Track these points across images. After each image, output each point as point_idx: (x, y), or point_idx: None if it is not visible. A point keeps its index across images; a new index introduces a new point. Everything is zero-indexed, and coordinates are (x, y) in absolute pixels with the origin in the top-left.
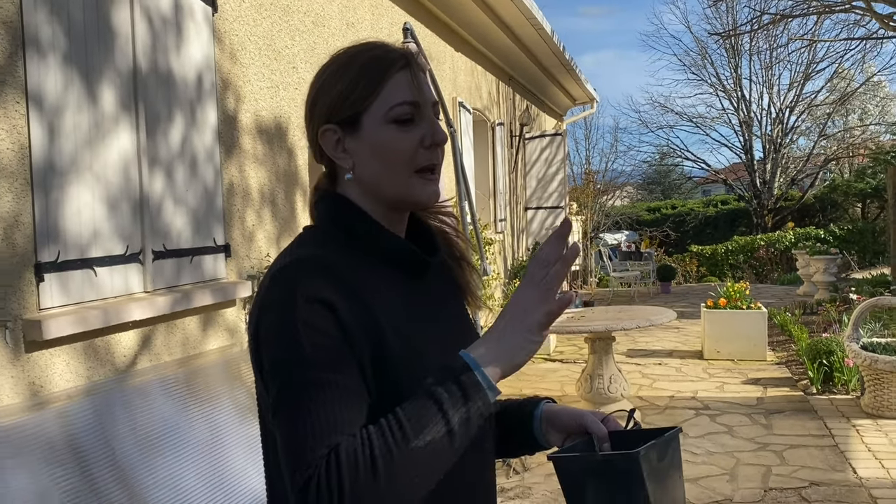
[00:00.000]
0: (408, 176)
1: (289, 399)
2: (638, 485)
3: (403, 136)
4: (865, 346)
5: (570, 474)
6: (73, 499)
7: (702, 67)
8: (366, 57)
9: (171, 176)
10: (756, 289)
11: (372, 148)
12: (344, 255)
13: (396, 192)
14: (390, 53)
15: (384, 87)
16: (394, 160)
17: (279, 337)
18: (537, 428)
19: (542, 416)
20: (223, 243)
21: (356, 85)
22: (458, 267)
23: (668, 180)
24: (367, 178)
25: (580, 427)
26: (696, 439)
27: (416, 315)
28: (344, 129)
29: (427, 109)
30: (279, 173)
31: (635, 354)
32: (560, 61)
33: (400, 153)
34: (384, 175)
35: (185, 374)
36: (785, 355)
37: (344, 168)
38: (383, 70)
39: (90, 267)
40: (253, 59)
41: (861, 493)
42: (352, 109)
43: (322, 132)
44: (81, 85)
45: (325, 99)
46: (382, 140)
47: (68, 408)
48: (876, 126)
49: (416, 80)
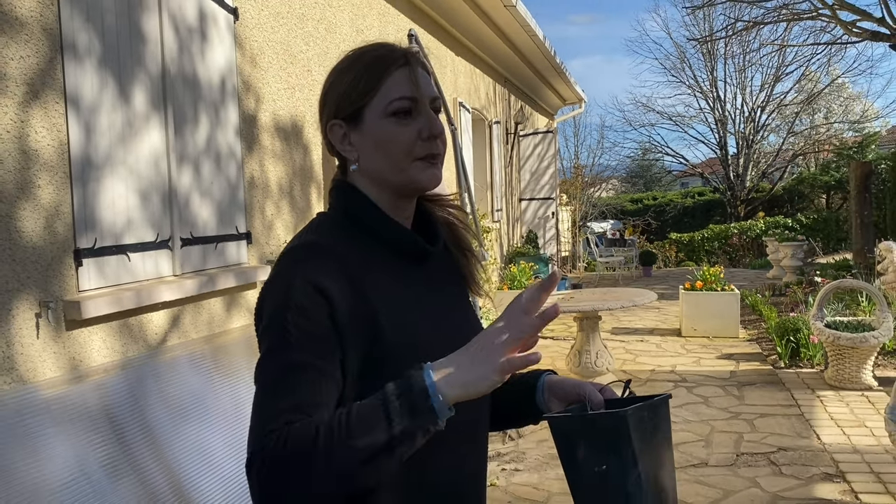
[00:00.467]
0: (409, 163)
1: (267, 373)
2: (625, 442)
3: (402, 129)
4: (829, 324)
5: (562, 433)
6: (109, 462)
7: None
8: (369, 56)
9: (198, 170)
10: (730, 272)
11: (374, 140)
12: (350, 242)
13: (399, 180)
14: (393, 52)
15: (384, 83)
16: (394, 151)
17: (273, 313)
18: (540, 398)
19: (545, 387)
20: (245, 231)
21: (358, 82)
22: (463, 257)
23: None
24: (371, 168)
25: (580, 396)
26: (674, 409)
27: (414, 301)
28: (349, 123)
29: (424, 104)
30: (295, 168)
31: (619, 332)
32: (551, 65)
33: (399, 145)
34: (385, 165)
35: (210, 351)
36: (755, 333)
37: (350, 160)
38: (384, 68)
39: (124, 253)
40: (271, 62)
41: (824, 457)
42: (354, 105)
43: (330, 127)
44: (115, 86)
45: (333, 96)
46: (383, 133)
47: (105, 381)
48: (840, 124)
49: (415, 77)
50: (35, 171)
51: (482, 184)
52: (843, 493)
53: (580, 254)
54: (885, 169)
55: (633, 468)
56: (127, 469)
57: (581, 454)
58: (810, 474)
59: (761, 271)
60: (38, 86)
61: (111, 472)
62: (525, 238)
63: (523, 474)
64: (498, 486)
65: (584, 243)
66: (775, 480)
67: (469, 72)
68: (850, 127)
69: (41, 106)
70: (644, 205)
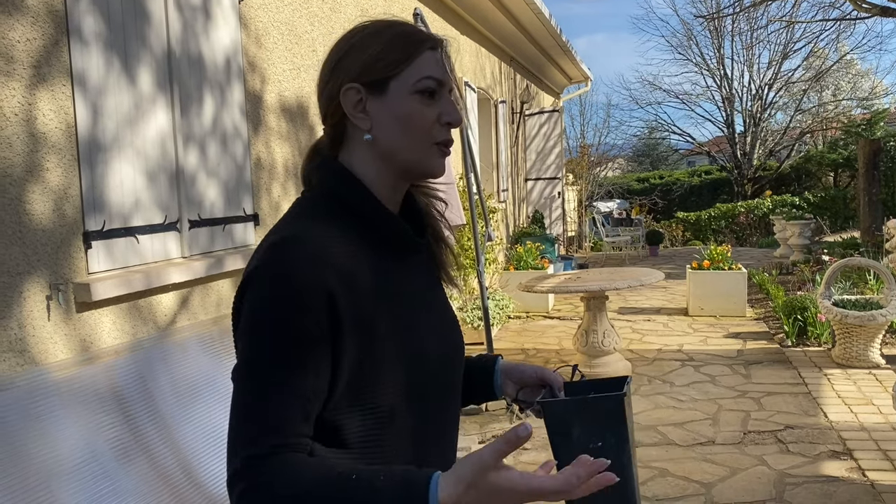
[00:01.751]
0: (427, 145)
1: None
2: (622, 422)
3: (425, 109)
4: (836, 302)
5: (557, 416)
6: (119, 444)
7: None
8: (402, 28)
9: (204, 151)
10: (737, 251)
11: (395, 114)
12: (336, 231)
13: (412, 159)
14: (423, 32)
15: (416, 58)
16: (415, 129)
17: (256, 314)
18: (497, 381)
19: (500, 371)
20: (252, 213)
21: (391, 50)
22: (438, 247)
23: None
24: (384, 142)
25: (539, 380)
26: (681, 388)
27: (402, 294)
28: (369, 90)
29: (447, 91)
30: (301, 149)
31: (626, 312)
32: (557, 43)
33: (422, 123)
34: (403, 141)
35: (219, 332)
36: (763, 311)
37: (360, 129)
38: (417, 43)
39: (133, 235)
40: (276, 43)
41: (831, 434)
42: (382, 73)
43: (345, 90)
44: (121, 68)
45: (358, 56)
46: (406, 108)
47: (115, 362)
48: (848, 101)
49: (444, 62)
50: (43, 153)
51: (488, 164)
52: (851, 470)
53: (586, 233)
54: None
55: (627, 443)
56: (137, 450)
57: (576, 434)
58: (817, 452)
59: (768, 250)
60: (45, 68)
61: (121, 454)
62: (531, 218)
63: (531, 453)
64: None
65: (591, 223)
66: (782, 458)
67: (475, 51)
68: (858, 104)
69: (48, 88)
70: (650, 184)
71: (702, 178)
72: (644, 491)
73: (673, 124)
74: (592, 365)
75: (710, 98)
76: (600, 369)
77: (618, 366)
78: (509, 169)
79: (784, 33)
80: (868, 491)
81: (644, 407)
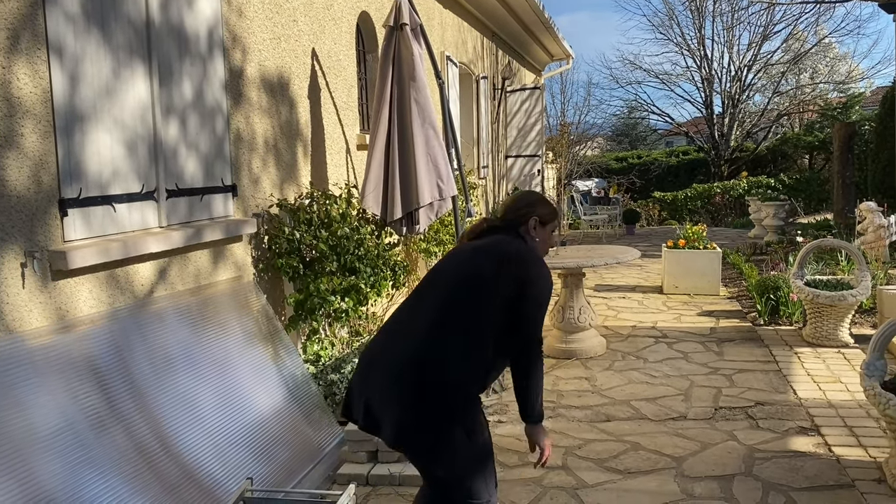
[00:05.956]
0: (544, 252)
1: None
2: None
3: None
4: (808, 282)
5: None
6: (94, 414)
7: (669, 28)
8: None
9: (183, 121)
10: (712, 231)
11: (543, 235)
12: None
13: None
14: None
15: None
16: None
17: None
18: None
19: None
20: (230, 184)
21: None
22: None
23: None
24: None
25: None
26: (655, 364)
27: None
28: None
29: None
30: (282, 122)
31: (602, 289)
32: (539, 19)
33: (547, 245)
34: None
35: (197, 303)
36: (736, 290)
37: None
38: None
39: (110, 203)
40: (257, 12)
41: (800, 411)
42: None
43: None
44: (99, 36)
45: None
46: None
47: (91, 331)
48: (825, 84)
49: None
50: (18, 119)
51: (469, 140)
52: (818, 445)
53: (565, 211)
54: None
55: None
56: (112, 420)
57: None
58: (786, 428)
59: (743, 230)
60: (19, 32)
61: (96, 423)
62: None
63: (507, 426)
64: None
65: (569, 201)
66: (752, 434)
67: (457, 25)
68: (835, 87)
69: (23, 53)
70: (629, 163)
71: (679, 159)
72: (616, 464)
73: (652, 104)
74: (568, 341)
75: (690, 79)
76: (576, 345)
77: (593, 342)
78: (490, 145)
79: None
80: (834, 466)
81: (618, 382)
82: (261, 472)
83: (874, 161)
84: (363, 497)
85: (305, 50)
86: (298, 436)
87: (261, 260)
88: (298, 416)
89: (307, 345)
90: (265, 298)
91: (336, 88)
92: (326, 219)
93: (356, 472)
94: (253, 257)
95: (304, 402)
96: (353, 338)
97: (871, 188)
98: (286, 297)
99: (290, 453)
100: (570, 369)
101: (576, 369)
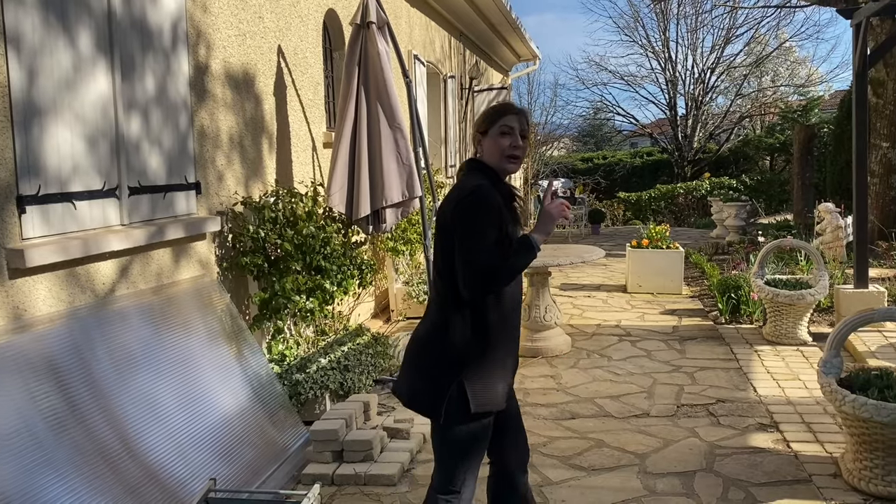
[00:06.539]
0: (500, 159)
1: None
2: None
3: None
4: (769, 282)
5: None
6: (53, 414)
7: (634, 30)
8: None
9: (146, 117)
10: (675, 231)
11: (488, 144)
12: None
13: (496, 166)
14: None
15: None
16: (496, 151)
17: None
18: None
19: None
20: (194, 181)
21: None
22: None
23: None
24: (486, 157)
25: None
26: (618, 362)
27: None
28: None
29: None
30: (247, 118)
31: (568, 288)
32: (507, 20)
33: (498, 148)
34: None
35: (160, 301)
36: (698, 290)
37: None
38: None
39: (70, 200)
40: (222, 8)
41: (760, 408)
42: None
43: (474, 134)
44: (59, 29)
45: (477, 128)
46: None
47: (50, 330)
48: (786, 87)
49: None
50: None
51: (436, 139)
52: (777, 441)
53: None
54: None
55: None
56: (72, 421)
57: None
58: (746, 425)
59: (705, 230)
60: None
61: (55, 424)
62: None
63: None
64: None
65: (536, 201)
66: (713, 430)
67: (424, 24)
68: (795, 91)
69: None
70: (594, 164)
71: (644, 160)
72: (580, 461)
73: (617, 105)
74: (534, 339)
75: (655, 80)
76: (541, 343)
77: (558, 340)
78: (457, 145)
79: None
80: (792, 461)
81: (582, 380)
82: (225, 473)
83: (832, 163)
84: (328, 497)
85: (271, 47)
86: (263, 436)
87: (225, 258)
88: (263, 416)
89: (272, 344)
90: (229, 297)
91: (302, 86)
92: (292, 217)
93: (321, 471)
94: (217, 256)
95: (269, 401)
96: (319, 337)
97: (830, 189)
98: (251, 295)
99: (255, 453)
100: (536, 367)
101: (541, 367)
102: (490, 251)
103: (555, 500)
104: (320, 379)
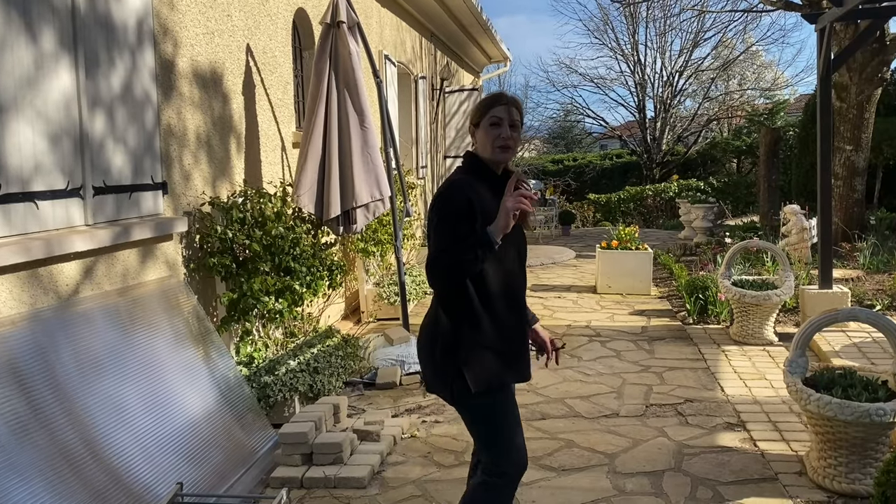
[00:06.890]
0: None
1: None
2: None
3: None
4: (735, 282)
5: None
6: (15, 419)
7: (604, 33)
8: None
9: (111, 115)
10: (644, 233)
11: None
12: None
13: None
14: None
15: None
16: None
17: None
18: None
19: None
20: (160, 181)
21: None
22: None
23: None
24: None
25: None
26: (588, 362)
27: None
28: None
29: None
30: (215, 117)
31: (538, 289)
32: (477, 21)
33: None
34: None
35: (125, 303)
36: (667, 290)
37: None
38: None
39: (32, 200)
40: (189, 5)
41: (727, 407)
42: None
43: (469, 127)
44: (20, 24)
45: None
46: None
47: (11, 333)
48: (752, 91)
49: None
50: None
51: (407, 140)
52: (744, 440)
53: None
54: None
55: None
56: (35, 424)
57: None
58: (714, 424)
59: (674, 232)
60: None
61: (18, 428)
62: None
63: (443, 426)
64: (418, 437)
65: None
66: (682, 430)
67: (395, 24)
68: (761, 94)
69: None
70: (565, 165)
71: (613, 162)
72: (550, 462)
73: (587, 108)
74: None
75: (624, 83)
76: None
77: None
78: (428, 146)
79: (695, 22)
80: (758, 460)
81: (552, 380)
82: (192, 477)
83: (798, 165)
84: (297, 500)
85: (240, 46)
86: (231, 439)
87: (192, 259)
88: (231, 418)
89: (240, 346)
90: (196, 299)
91: (271, 85)
92: (260, 217)
93: (290, 475)
94: (184, 256)
95: (237, 404)
96: (288, 339)
97: (795, 191)
98: (218, 297)
99: (223, 457)
100: None
101: None
102: (446, 247)
103: (525, 500)
104: (289, 381)
